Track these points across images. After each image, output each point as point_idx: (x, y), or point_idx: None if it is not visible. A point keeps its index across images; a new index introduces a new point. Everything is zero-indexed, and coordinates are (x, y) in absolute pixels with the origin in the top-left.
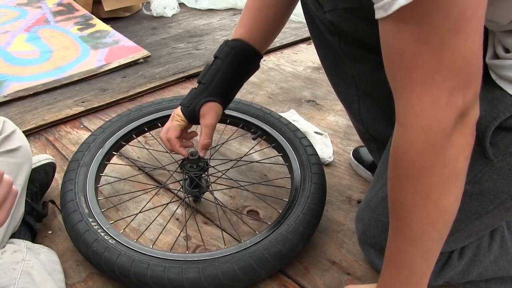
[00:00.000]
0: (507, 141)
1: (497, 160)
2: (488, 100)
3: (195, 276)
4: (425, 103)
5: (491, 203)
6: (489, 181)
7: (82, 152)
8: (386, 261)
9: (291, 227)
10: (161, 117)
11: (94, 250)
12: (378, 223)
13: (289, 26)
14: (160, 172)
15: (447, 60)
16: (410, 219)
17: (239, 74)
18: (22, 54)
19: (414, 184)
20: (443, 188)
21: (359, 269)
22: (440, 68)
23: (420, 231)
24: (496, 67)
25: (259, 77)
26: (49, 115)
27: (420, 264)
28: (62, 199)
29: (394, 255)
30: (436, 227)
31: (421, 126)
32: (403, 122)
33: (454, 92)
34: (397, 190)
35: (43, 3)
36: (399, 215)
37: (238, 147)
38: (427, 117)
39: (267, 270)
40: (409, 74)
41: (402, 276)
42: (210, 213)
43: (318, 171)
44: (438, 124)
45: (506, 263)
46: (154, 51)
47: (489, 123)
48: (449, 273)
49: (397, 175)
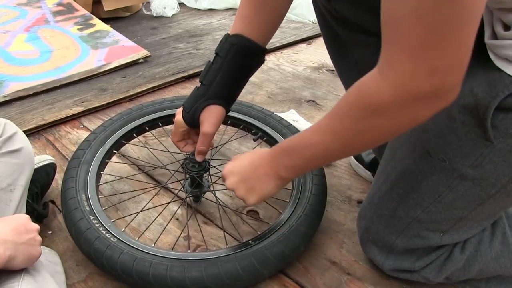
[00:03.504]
0: (506, 123)
1: (498, 141)
2: (487, 82)
3: (197, 275)
4: (406, 69)
5: (493, 187)
6: (490, 163)
7: (83, 150)
8: (295, 138)
9: (293, 227)
10: (162, 117)
11: (96, 248)
12: (381, 218)
13: (289, 26)
14: (160, 171)
15: (438, 42)
16: (342, 132)
17: (241, 73)
18: (22, 54)
19: (360, 117)
20: (378, 132)
21: (359, 269)
22: (429, 46)
23: (339, 144)
24: (495, 47)
25: (259, 77)
26: (49, 115)
27: (310, 157)
28: (63, 196)
29: (307, 137)
30: (348, 149)
31: (394, 83)
32: (382, 71)
33: (436, 72)
34: (346, 111)
35: (43, 3)
36: (338, 120)
37: (238, 147)
38: (403, 80)
39: (269, 270)
40: (400, 40)
41: (293, 153)
42: (210, 213)
43: (318, 173)
44: (410, 90)
45: (507, 261)
46: (154, 51)
47: (489, 102)
48: (450, 268)
49: (351, 103)
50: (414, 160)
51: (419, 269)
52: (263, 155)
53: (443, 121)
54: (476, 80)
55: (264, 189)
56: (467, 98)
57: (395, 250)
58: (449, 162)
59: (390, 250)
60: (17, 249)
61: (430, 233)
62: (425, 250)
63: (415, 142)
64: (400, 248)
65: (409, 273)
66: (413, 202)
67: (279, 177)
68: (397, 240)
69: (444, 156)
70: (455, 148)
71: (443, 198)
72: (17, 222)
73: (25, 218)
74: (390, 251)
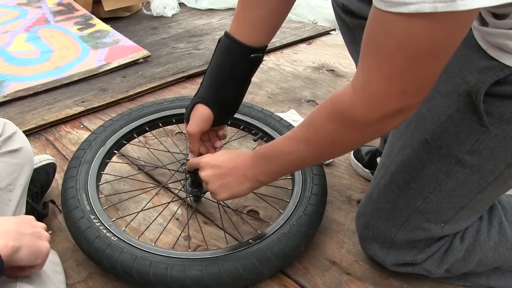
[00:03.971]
0: (501, 109)
1: (493, 127)
2: (479, 70)
3: (198, 274)
4: (380, 91)
5: (491, 174)
6: (487, 149)
7: (83, 150)
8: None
9: (293, 227)
10: (162, 117)
11: (96, 247)
12: (381, 212)
13: (289, 26)
14: (160, 171)
15: (415, 71)
16: (315, 142)
17: (225, 73)
18: (22, 54)
19: (334, 129)
20: (350, 142)
21: (359, 269)
22: (406, 74)
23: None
24: (487, 34)
25: (259, 77)
26: (49, 115)
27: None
28: (64, 196)
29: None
30: (322, 157)
31: (368, 102)
32: (356, 89)
33: (406, 94)
34: (320, 124)
35: (43, 3)
36: (313, 131)
37: (238, 147)
38: (376, 100)
39: (269, 269)
40: (379, 64)
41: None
42: (210, 213)
43: (319, 172)
44: (381, 109)
45: (506, 250)
46: (154, 51)
47: (479, 88)
48: (451, 258)
49: (325, 116)
50: (413, 149)
51: (421, 261)
52: (244, 157)
53: (439, 108)
54: (468, 68)
55: (238, 189)
56: (461, 86)
57: (396, 244)
58: (446, 148)
59: (391, 244)
60: (22, 239)
61: (431, 224)
62: (426, 242)
63: (413, 132)
64: (401, 242)
65: (411, 266)
66: (413, 193)
67: (257, 180)
68: (398, 233)
69: (441, 143)
70: (451, 134)
71: (443, 187)
72: (20, 218)
73: (30, 217)
74: (391, 246)
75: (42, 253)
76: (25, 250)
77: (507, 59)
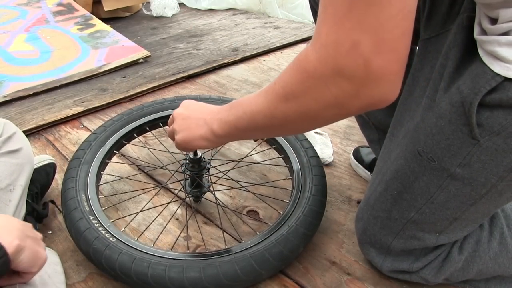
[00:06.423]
0: (491, 121)
1: (484, 140)
2: (472, 78)
3: (196, 275)
4: (329, 40)
5: (483, 187)
6: (478, 162)
7: (83, 150)
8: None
9: (292, 228)
10: (163, 117)
11: (95, 248)
12: (377, 220)
13: (289, 26)
14: (160, 172)
15: (358, 12)
16: (272, 95)
17: None
18: (22, 54)
19: (290, 81)
20: (303, 105)
21: (359, 269)
22: (349, 15)
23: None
24: (483, 43)
25: (259, 77)
26: (49, 115)
27: (241, 116)
28: (63, 196)
29: (248, 96)
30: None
31: (319, 53)
32: (312, 41)
33: (359, 47)
34: (280, 76)
35: (43, 3)
36: (273, 85)
37: (238, 147)
38: (327, 51)
39: (268, 271)
40: (324, 8)
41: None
42: (210, 213)
43: (319, 173)
44: (333, 62)
45: (506, 261)
46: (154, 51)
47: (472, 99)
48: (449, 268)
49: (286, 69)
50: (406, 160)
51: (417, 270)
52: (216, 106)
53: (431, 119)
54: (463, 77)
55: (193, 132)
56: (455, 96)
57: (393, 252)
58: (438, 161)
59: (387, 251)
60: (26, 241)
61: (426, 234)
62: (423, 250)
63: (408, 142)
64: (398, 249)
65: (408, 274)
66: (407, 203)
67: (211, 129)
68: (394, 242)
69: (433, 156)
70: (443, 147)
71: (435, 199)
72: (23, 222)
73: (30, 224)
74: (387, 253)
75: (41, 260)
76: (27, 252)
77: (497, 66)
